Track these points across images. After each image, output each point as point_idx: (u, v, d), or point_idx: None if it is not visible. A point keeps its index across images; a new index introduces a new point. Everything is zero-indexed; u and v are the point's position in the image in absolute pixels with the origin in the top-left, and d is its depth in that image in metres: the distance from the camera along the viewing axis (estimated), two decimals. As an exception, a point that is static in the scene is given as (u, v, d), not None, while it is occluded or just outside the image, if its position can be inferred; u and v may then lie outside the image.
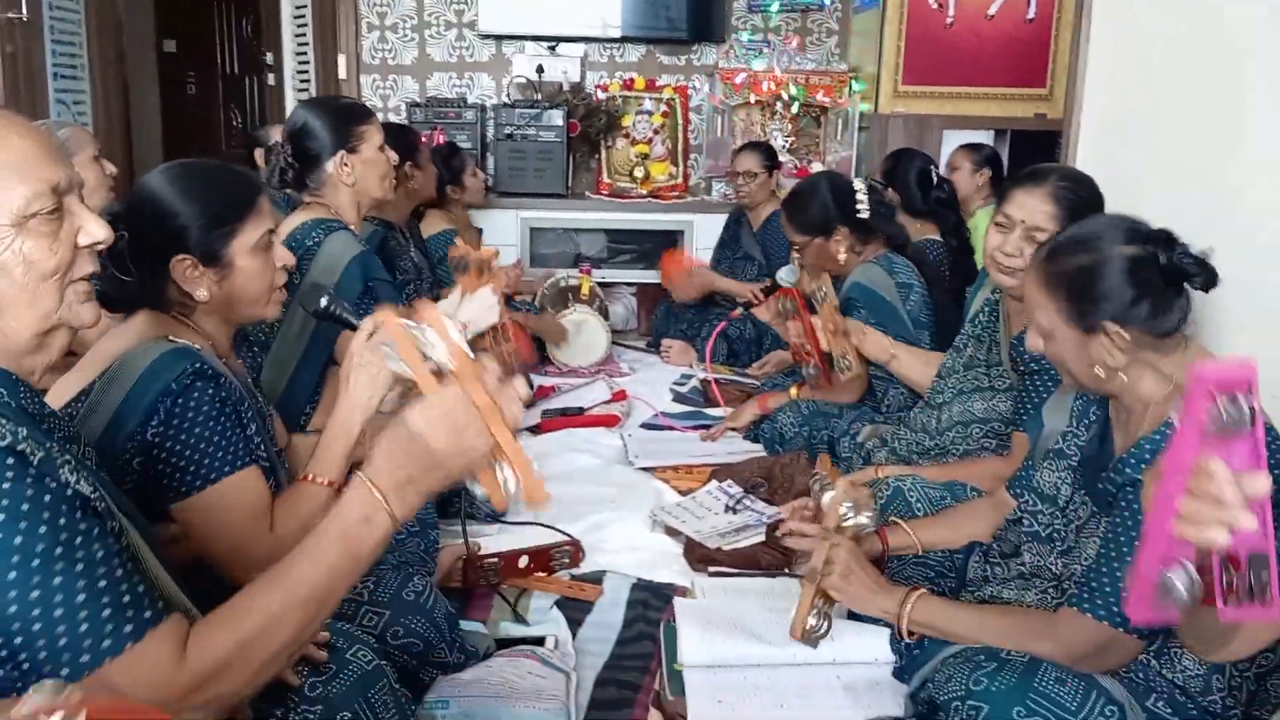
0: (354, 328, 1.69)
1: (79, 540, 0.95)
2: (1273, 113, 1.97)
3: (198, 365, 1.43)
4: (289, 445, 1.82)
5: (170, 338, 1.46)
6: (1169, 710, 1.43)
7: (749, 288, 3.99)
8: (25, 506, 0.93)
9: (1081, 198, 1.97)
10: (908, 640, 1.66)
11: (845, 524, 1.72)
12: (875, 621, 1.78)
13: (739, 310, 2.96)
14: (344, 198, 2.33)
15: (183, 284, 1.51)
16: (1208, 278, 1.44)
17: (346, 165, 2.30)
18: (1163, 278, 1.44)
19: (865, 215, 2.80)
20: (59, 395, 1.45)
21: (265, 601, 1.05)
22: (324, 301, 1.74)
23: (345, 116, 2.32)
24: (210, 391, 1.44)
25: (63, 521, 0.95)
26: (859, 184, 2.86)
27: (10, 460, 0.93)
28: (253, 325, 1.85)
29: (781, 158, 4.42)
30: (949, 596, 1.77)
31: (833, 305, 2.64)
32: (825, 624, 1.69)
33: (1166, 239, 1.46)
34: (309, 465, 1.58)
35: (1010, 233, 2.00)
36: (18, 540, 0.92)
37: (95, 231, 1.07)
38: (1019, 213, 1.99)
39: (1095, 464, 1.57)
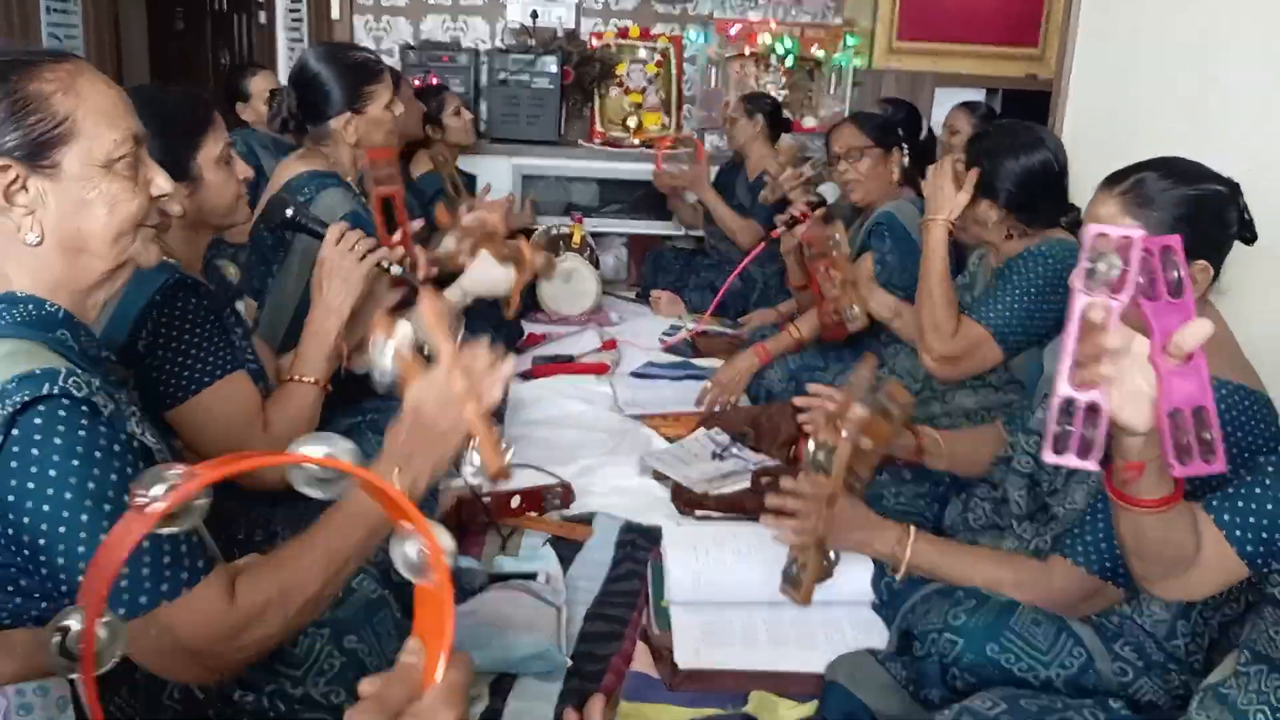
0: (320, 235, 1.79)
1: None
2: (1261, 75, 2.01)
3: (178, 276, 1.49)
4: (275, 369, 1.86)
5: None
6: (1134, 655, 1.49)
7: (737, 218, 3.98)
8: (98, 454, 0.99)
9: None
10: (892, 578, 1.71)
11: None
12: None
13: (779, 230, 2.87)
14: (344, 153, 2.28)
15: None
16: (1251, 233, 1.50)
17: (351, 125, 2.25)
18: (1230, 219, 1.48)
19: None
20: None
21: (303, 554, 1.14)
22: (289, 211, 1.85)
23: (356, 75, 2.24)
24: (193, 301, 1.50)
25: (130, 471, 1.01)
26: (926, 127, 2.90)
27: (85, 409, 0.99)
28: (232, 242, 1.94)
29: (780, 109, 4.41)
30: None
31: (845, 255, 2.63)
32: (832, 568, 1.70)
33: (1234, 186, 1.49)
34: (292, 367, 1.71)
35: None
36: (90, 486, 0.98)
37: (162, 184, 1.16)
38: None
39: None
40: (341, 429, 2.04)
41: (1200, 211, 1.45)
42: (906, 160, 2.86)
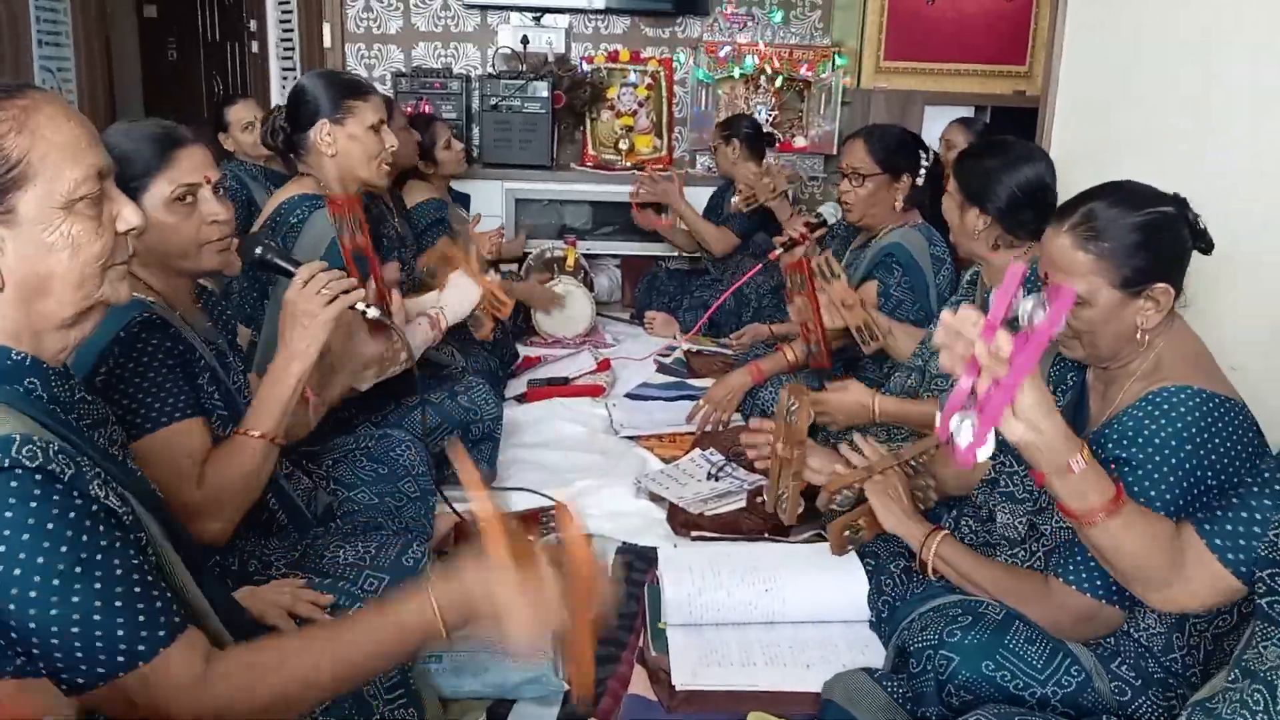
0: (291, 275, 1.67)
1: (99, 557, 0.97)
2: (1242, 93, 2.03)
3: (146, 315, 1.47)
4: None
5: None
6: (1133, 674, 1.49)
7: (711, 227, 4.04)
8: (50, 525, 0.95)
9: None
10: (929, 578, 1.74)
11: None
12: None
13: (777, 251, 2.88)
14: (329, 170, 2.30)
15: None
16: (1208, 243, 1.53)
17: (329, 136, 2.27)
18: (1185, 236, 1.50)
19: (920, 177, 2.85)
20: None
21: (295, 674, 1.08)
22: (258, 251, 1.75)
23: (340, 87, 2.30)
24: (155, 341, 1.47)
25: (85, 539, 0.97)
26: (930, 152, 2.90)
27: (39, 478, 0.95)
28: (214, 279, 1.85)
29: (765, 130, 4.45)
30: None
31: (844, 280, 2.61)
32: (852, 537, 1.86)
33: (1180, 201, 1.52)
34: (245, 418, 1.58)
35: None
36: (40, 559, 0.94)
37: (131, 218, 1.10)
38: None
39: (1072, 429, 1.64)
40: (337, 452, 2.05)
41: (1153, 236, 1.47)
42: (916, 182, 2.85)
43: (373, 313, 1.71)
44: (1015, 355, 1.09)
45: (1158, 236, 1.47)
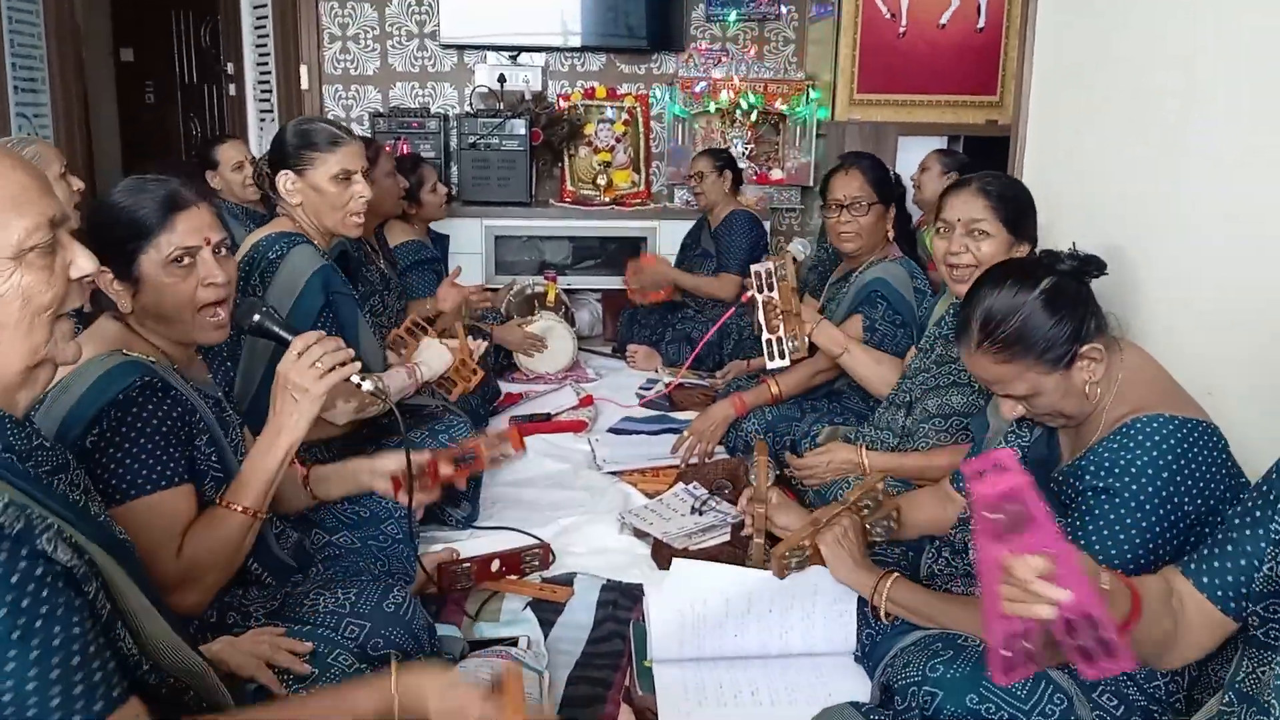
0: (286, 343, 1.63)
1: (38, 624, 0.93)
2: (1209, 121, 2.07)
3: (147, 379, 1.46)
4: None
5: (125, 350, 1.50)
6: (1114, 702, 1.49)
7: (712, 281, 4.07)
8: None
9: (1006, 189, 2.11)
10: (882, 621, 1.73)
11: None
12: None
13: (749, 293, 2.92)
14: (300, 215, 2.32)
15: (109, 294, 1.55)
16: (1097, 265, 1.56)
17: (292, 185, 2.29)
18: (1078, 283, 1.53)
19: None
20: None
21: None
22: (256, 317, 1.71)
23: (301, 137, 2.29)
24: (152, 405, 1.46)
25: (26, 604, 0.93)
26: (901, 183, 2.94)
27: None
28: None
29: (741, 164, 4.50)
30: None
31: (791, 287, 2.65)
32: (795, 563, 1.82)
33: (1048, 255, 1.56)
34: (228, 490, 1.56)
35: (952, 233, 2.10)
36: None
37: (84, 265, 1.08)
38: (955, 213, 2.10)
39: (1044, 466, 1.65)
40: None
41: (1052, 312, 1.49)
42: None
43: (367, 386, 1.68)
44: (1043, 548, 1.05)
45: (1057, 309, 1.49)
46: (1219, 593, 1.25)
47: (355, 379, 1.63)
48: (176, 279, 1.56)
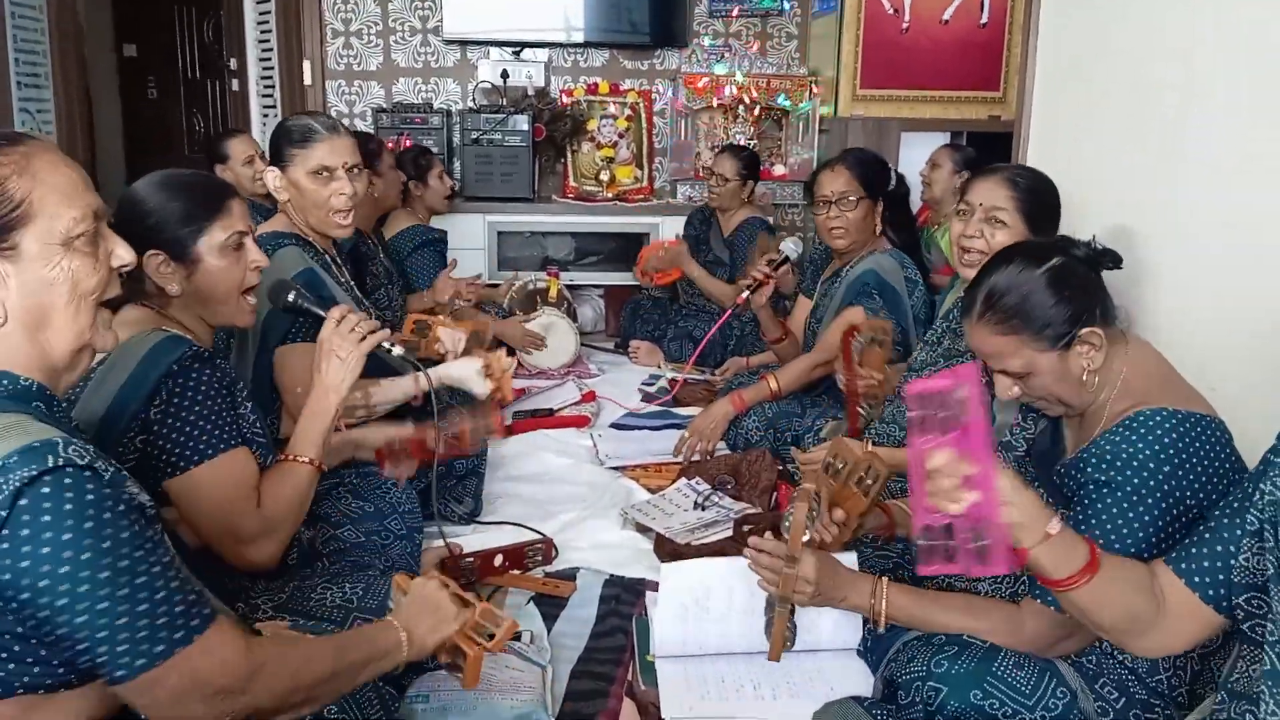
0: (322, 318, 1.82)
1: (141, 552, 1.04)
2: (1210, 116, 2.07)
3: (195, 349, 1.55)
4: None
5: (163, 329, 1.58)
6: (1116, 693, 1.50)
7: (721, 284, 4.05)
8: (107, 515, 1.01)
9: (1035, 184, 2.09)
10: (881, 627, 1.71)
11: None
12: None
13: (745, 295, 2.93)
14: (291, 210, 2.34)
15: (155, 278, 1.62)
16: (1112, 258, 1.56)
17: (279, 181, 2.31)
18: (1089, 269, 1.53)
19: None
20: None
21: (325, 659, 1.25)
22: (291, 296, 1.89)
23: (284, 134, 2.31)
24: (208, 374, 1.55)
25: (135, 530, 1.03)
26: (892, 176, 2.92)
27: (88, 473, 1.01)
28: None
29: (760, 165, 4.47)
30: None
31: (885, 355, 2.53)
32: (793, 635, 1.77)
33: (1064, 240, 1.56)
34: (290, 445, 1.72)
35: (970, 217, 2.10)
36: (104, 550, 1.00)
37: (123, 254, 1.19)
38: (977, 197, 2.09)
39: (1048, 458, 1.65)
40: (322, 489, 2.04)
41: (1056, 291, 1.49)
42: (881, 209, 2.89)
43: (398, 350, 1.89)
44: (966, 452, 1.16)
45: (1061, 289, 1.49)
46: (1196, 579, 1.27)
47: (386, 344, 1.83)
48: (230, 261, 1.68)
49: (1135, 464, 1.43)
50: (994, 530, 1.18)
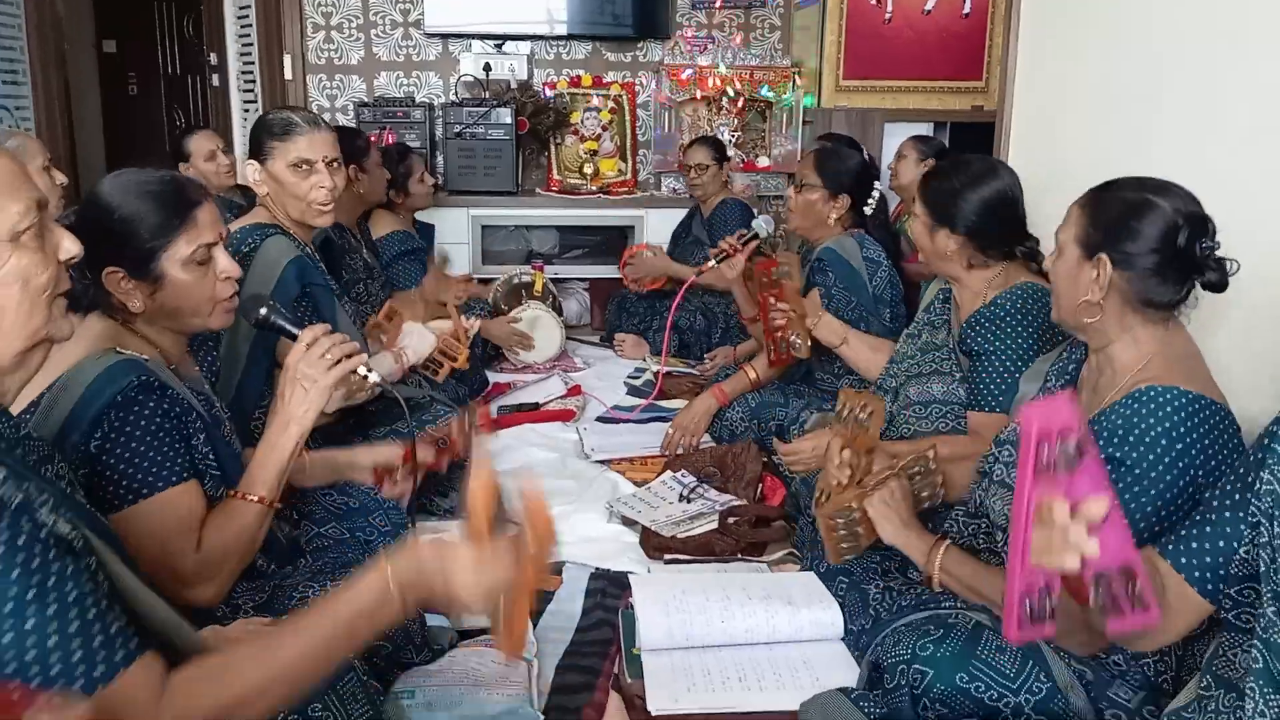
0: (293, 337, 1.66)
1: (52, 582, 0.96)
2: (1188, 110, 2.07)
3: (143, 378, 1.45)
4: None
5: (119, 348, 1.49)
6: (1100, 678, 1.50)
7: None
8: (1, 550, 0.93)
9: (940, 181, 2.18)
10: (934, 587, 1.73)
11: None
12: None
13: (710, 264, 2.95)
14: (270, 203, 2.33)
15: (117, 294, 1.53)
16: (1219, 279, 1.48)
17: (258, 175, 2.30)
18: (1175, 255, 1.48)
19: (870, 208, 2.89)
20: (18, 400, 1.46)
21: (255, 669, 1.09)
22: (263, 311, 1.73)
23: (262, 126, 2.30)
24: (152, 405, 1.46)
25: (36, 564, 0.95)
26: (879, 188, 2.92)
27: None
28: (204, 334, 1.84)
29: (729, 152, 4.48)
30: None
31: (795, 287, 2.68)
32: (843, 523, 1.81)
33: (1200, 223, 1.48)
34: (242, 481, 1.58)
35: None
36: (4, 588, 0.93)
37: (70, 247, 1.10)
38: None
39: None
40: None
41: (1131, 218, 1.50)
42: (864, 210, 2.89)
43: (373, 378, 1.71)
44: (1085, 490, 1.06)
45: (1136, 221, 1.48)
46: (1196, 574, 1.25)
47: (361, 370, 1.66)
48: (196, 276, 1.57)
49: (1147, 441, 1.41)
50: (1139, 571, 1.08)
